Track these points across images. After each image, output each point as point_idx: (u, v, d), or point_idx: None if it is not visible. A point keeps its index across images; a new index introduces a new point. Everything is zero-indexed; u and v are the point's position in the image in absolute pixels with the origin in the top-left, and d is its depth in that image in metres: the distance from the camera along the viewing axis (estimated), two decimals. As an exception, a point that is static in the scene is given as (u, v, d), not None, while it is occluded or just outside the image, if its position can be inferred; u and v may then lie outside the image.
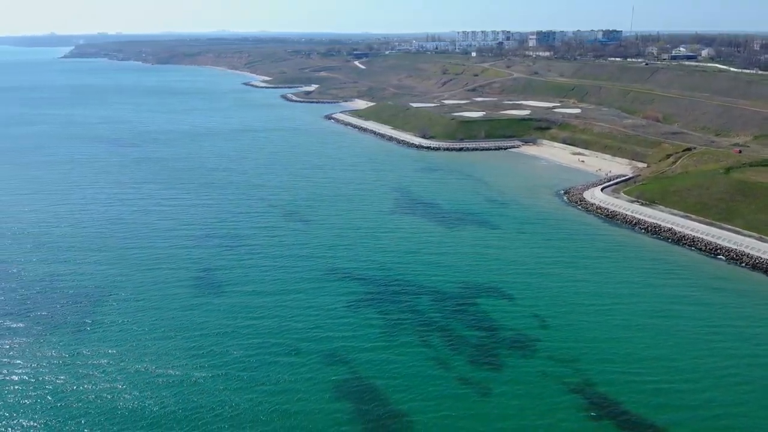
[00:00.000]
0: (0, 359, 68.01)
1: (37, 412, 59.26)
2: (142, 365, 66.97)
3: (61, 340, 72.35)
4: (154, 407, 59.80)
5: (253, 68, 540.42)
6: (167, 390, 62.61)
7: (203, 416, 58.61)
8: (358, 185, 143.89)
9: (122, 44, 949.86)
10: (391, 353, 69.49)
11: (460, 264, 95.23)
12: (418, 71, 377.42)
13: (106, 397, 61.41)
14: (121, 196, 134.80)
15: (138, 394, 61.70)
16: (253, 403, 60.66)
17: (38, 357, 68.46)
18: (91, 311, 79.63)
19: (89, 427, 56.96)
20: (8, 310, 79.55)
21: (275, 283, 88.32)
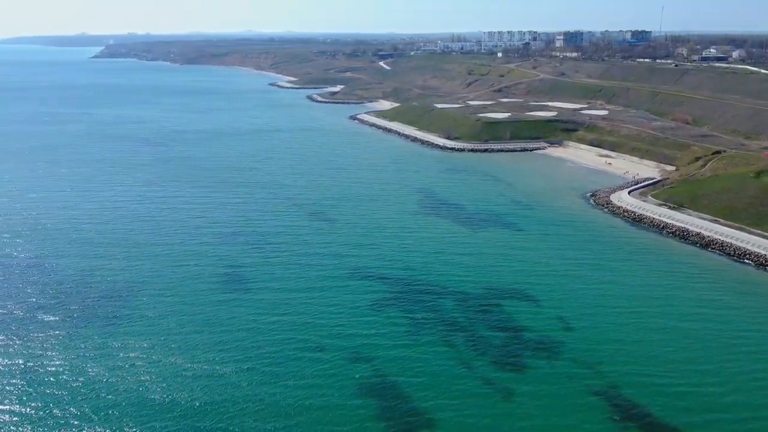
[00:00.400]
0: (35, 351, 69.98)
1: (70, 402, 60.93)
2: (171, 358, 68.47)
3: (93, 333, 74.22)
4: (182, 400, 61.13)
5: (279, 69, 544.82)
6: (194, 383, 63.98)
7: (229, 409, 59.78)
8: (383, 186, 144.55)
9: (151, 44, 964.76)
10: (415, 352, 69.92)
11: (484, 265, 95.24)
12: (443, 72, 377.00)
13: (135, 388, 62.94)
14: (150, 194, 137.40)
15: (166, 387, 63.12)
16: (277, 397, 61.69)
17: (71, 349, 70.32)
18: (121, 305, 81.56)
19: (119, 417, 58.48)
20: (43, 304, 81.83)
21: (300, 281, 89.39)
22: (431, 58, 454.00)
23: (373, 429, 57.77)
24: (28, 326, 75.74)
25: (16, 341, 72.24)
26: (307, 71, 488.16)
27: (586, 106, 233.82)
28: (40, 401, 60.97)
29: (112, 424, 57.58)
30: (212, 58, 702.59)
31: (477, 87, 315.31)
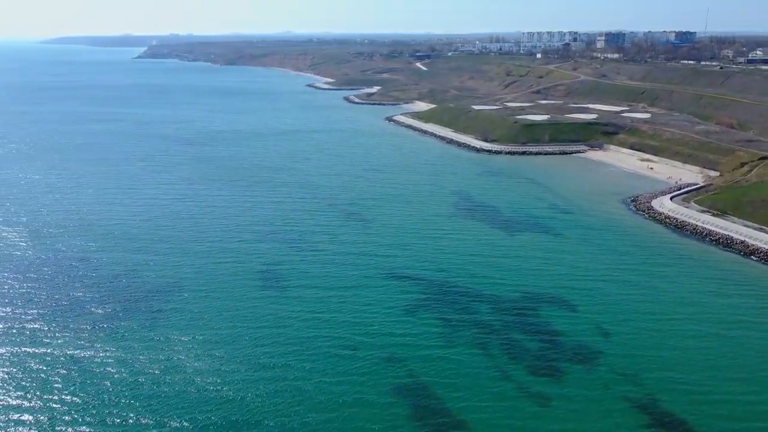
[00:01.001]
0: (82, 343, 72.35)
1: (114, 392, 62.87)
2: (211, 353, 70.05)
3: (137, 326, 76.45)
4: (220, 393, 62.45)
5: (317, 70, 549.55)
6: (232, 377, 65.38)
7: (264, 403, 60.98)
8: (418, 188, 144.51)
9: (192, 45, 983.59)
10: (448, 355, 69.87)
11: (520, 270, 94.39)
12: (480, 73, 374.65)
13: (176, 381, 64.57)
14: (191, 192, 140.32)
15: (206, 380, 64.59)
16: (311, 393, 62.68)
17: (116, 341, 72.47)
18: (164, 300, 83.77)
19: (161, 408, 60.13)
20: (90, 297, 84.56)
21: (336, 280, 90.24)
22: (469, 59, 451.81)
23: (405, 428, 58.10)
24: (76, 318, 78.35)
25: (65, 333, 74.79)
26: (344, 72, 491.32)
27: (628, 108, 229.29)
28: (86, 391, 62.96)
29: (154, 414, 59.22)
30: (252, 59, 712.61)
31: (515, 88, 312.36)
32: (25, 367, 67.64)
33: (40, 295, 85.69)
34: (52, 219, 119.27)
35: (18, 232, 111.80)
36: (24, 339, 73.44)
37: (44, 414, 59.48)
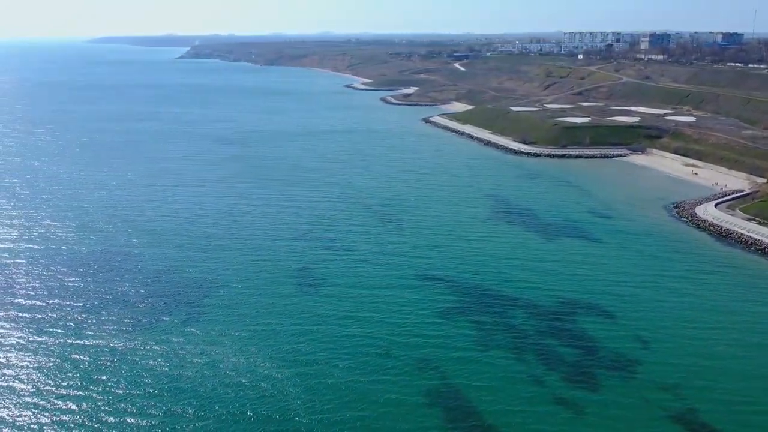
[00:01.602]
0: (124, 337, 74.35)
1: (154, 385, 64.52)
2: (247, 348, 71.32)
3: (177, 321, 78.36)
4: (255, 388, 63.53)
5: (355, 70, 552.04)
6: (268, 372, 66.59)
7: (296, 400, 61.77)
8: (454, 190, 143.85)
9: (233, 45, 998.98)
10: (482, 360, 69.37)
11: (557, 276, 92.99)
12: (519, 73, 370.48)
13: (213, 375, 65.87)
14: (230, 191, 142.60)
15: (241, 375, 65.78)
16: (343, 392, 63.31)
17: (157, 336, 74.29)
18: (203, 296, 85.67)
19: (198, 401, 61.48)
20: (131, 292, 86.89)
21: (369, 281, 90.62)
22: (508, 60, 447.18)
23: (437, 430, 58.12)
24: (120, 312, 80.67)
25: (110, 326, 77.04)
26: (382, 73, 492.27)
27: (672, 112, 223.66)
28: (127, 382, 64.72)
29: (192, 407, 60.61)
30: (291, 60, 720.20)
31: (555, 90, 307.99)
32: (70, 357, 69.97)
33: (87, 288, 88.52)
34: (97, 215, 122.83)
35: (66, 227, 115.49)
36: (70, 331, 75.98)
37: (88, 402, 61.43)
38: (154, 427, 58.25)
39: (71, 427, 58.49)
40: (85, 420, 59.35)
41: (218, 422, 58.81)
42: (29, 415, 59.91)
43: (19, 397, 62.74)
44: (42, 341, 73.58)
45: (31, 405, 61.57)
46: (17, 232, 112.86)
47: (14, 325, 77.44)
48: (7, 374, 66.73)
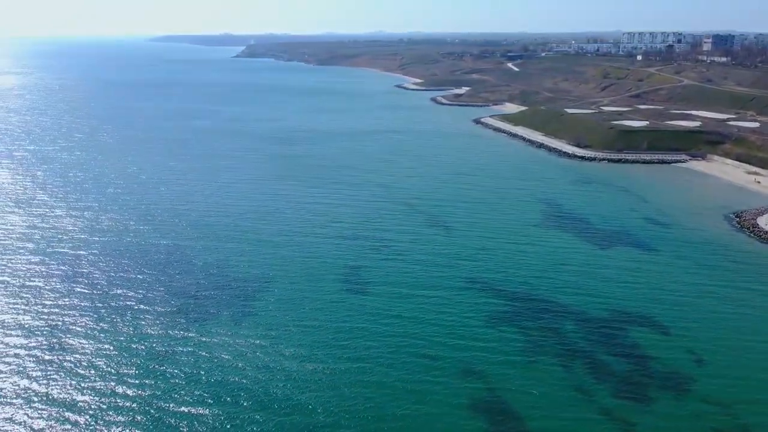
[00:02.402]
0: (176, 330, 76.52)
1: (207, 377, 66.31)
2: (293, 350, 72.14)
3: (227, 316, 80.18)
4: (300, 387, 64.20)
5: (406, 70, 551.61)
6: (312, 371, 67.45)
7: (339, 403, 62.14)
8: (504, 193, 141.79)
9: (287, 45, 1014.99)
10: (528, 371, 68.01)
11: (609, 286, 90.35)
12: (575, 74, 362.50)
13: (259, 375, 66.84)
14: (280, 189, 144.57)
15: (287, 374, 66.71)
16: (385, 397, 63.14)
17: (207, 330, 76.17)
18: (252, 292, 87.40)
19: (249, 393, 62.92)
20: (185, 286, 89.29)
21: (415, 285, 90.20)
22: (563, 60, 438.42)
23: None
24: (174, 305, 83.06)
25: (164, 318, 79.39)
26: (433, 73, 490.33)
27: (735, 117, 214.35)
28: (178, 375, 66.47)
29: (242, 398, 61.94)
30: (343, 60, 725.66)
31: (612, 92, 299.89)
32: (130, 346, 72.57)
33: (146, 280, 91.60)
34: (157, 209, 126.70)
35: (128, 220, 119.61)
36: (129, 320, 78.82)
37: (146, 389, 63.54)
38: (207, 417, 59.78)
39: (130, 413, 60.56)
40: (143, 406, 61.45)
41: (265, 413, 59.93)
42: (90, 400, 62.33)
43: (82, 382, 65.40)
44: (103, 329, 76.58)
45: (92, 390, 64.10)
46: (83, 224, 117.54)
47: (78, 313, 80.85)
48: (71, 359, 69.64)
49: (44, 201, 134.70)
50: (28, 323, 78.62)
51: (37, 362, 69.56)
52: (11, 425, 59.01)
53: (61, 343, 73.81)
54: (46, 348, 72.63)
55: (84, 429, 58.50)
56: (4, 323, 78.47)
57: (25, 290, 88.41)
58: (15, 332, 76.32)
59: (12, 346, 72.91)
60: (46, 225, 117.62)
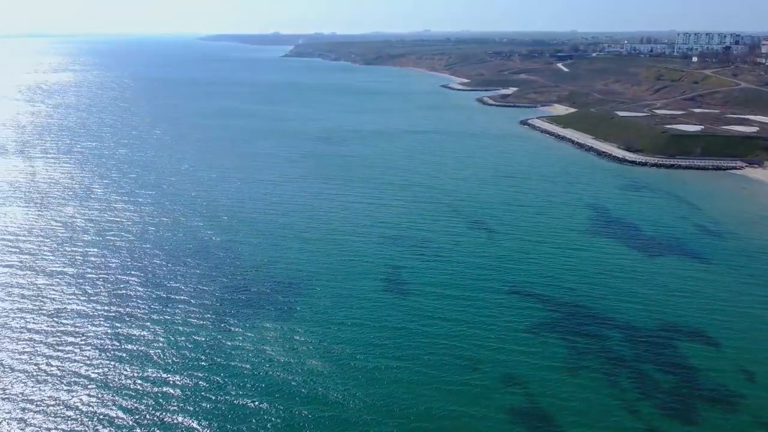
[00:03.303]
0: (222, 327, 78.46)
1: (249, 373, 67.97)
2: (336, 347, 73.23)
3: (271, 315, 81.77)
4: (338, 387, 64.99)
5: (452, 70, 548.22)
6: (353, 365, 68.91)
7: (377, 404, 62.80)
8: (550, 198, 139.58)
9: (334, 45, 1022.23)
10: (571, 383, 66.87)
11: (657, 296, 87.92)
12: (627, 76, 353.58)
13: (302, 371, 68.11)
14: (324, 190, 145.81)
15: (327, 374, 67.72)
16: (424, 400, 63.45)
17: (251, 328, 77.81)
18: (296, 291, 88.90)
19: (287, 394, 63.95)
20: (231, 285, 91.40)
21: (457, 289, 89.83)
22: (615, 61, 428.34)
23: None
24: (220, 302, 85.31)
25: (210, 315, 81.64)
26: (479, 72, 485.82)
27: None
28: (222, 371, 68.25)
29: (277, 398, 63.07)
30: (389, 59, 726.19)
31: (666, 94, 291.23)
32: (175, 339, 74.97)
33: (192, 275, 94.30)
34: (203, 206, 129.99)
35: (176, 217, 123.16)
36: (176, 314, 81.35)
37: (191, 381, 65.52)
38: (251, 410, 61.49)
39: (173, 403, 62.64)
40: (194, 397, 63.57)
41: (306, 408, 61.06)
42: (146, 388, 64.88)
43: (127, 373, 67.82)
44: (151, 322, 79.17)
45: (139, 379, 66.62)
46: (139, 219, 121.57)
47: (134, 304, 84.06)
48: (127, 348, 72.47)
49: (102, 196, 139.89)
50: (86, 312, 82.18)
51: (96, 349, 72.59)
52: (70, 409, 61.81)
53: (117, 332, 76.81)
54: (104, 336, 75.79)
55: (141, 416, 60.81)
56: (64, 312, 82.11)
57: (84, 281, 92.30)
58: (74, 320, 79.90)
59: (71, 334, 76.32)
60: (105, 219, 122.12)
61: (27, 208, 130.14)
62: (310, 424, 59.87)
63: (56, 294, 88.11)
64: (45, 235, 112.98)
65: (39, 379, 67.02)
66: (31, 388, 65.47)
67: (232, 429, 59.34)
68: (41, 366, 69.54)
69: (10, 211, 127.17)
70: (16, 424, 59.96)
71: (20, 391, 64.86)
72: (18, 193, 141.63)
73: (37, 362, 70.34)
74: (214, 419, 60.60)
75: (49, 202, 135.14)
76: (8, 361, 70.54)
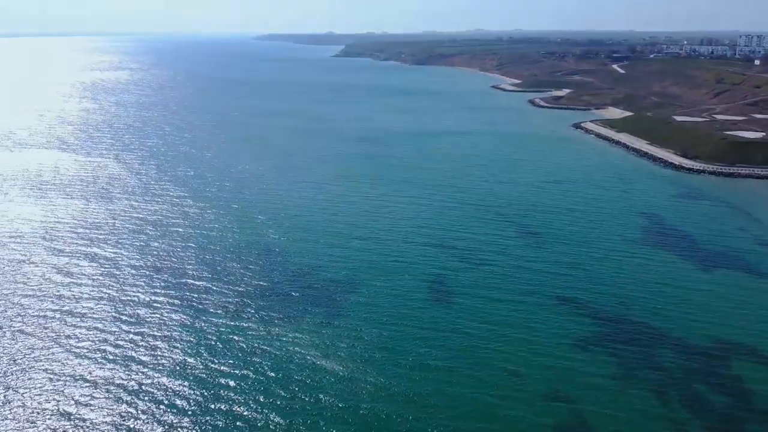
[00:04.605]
0: (274, 324, 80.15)
1: (298, 374, 69.41)
2: (377, 354, 73.62)
3: (321, 314, 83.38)
4: (380, 393, 65.38)
5: (504, 70, 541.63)
6: (395, 376, 68.77)
7: (424, 403, 63.71)
8: (601, 204, 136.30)
9: (385, 44, 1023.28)
10: (619, 399, 65.34)
11: (713, 311, 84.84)
12: (686, 78, 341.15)
13: (343, 376, 68.82)
14: (367, 191, 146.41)
15: (372, 376, 68.58)
16: (469, 406, 63.52)
17: (301, 327, 79.42)
18: (344, 293, 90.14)
19: (328, 399, 64.77)
20: (283, 283, 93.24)
21: (502, 297, 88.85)
22: (673, 62, 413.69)
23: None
24: (272, 301, 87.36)
25: (263, 313, 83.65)
26: (532, 73, 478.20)
27: None
28: (275, 368, 69.96)
29: (331, 397, 64.31)
30: (440, 59, 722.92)
31: (726, 98, 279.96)
32: (225, 339, 77.04)
33: (244, 275, 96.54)
34: (253, 207, 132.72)
35: (228, 217, 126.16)
36: (226, 314, 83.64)
37: (244, 381, 67.29)
38: (296, 414, 62.62)
39: (228, 402, 64.67)
40: (240, 398, 65.30)
41: (347, 413, 61.88)
42: (192, 387, 66.91)
43: (183, 370, 70.17)
44: (205, 321, 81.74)
45: (193, 377, 68.81)
46: (190, 219, 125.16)
47: (181, 305, 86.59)
48: (176, 347, 74.97)
49: (157, 193, 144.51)
50: (136, 312, 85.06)
51: (145, 348, 75.25)
52: (130, 394, 64.50)
53: (166, 332, 79.26)
54: (151, 336, 78.34)
55: (187, 414, 62.76)
56: (116, 310, 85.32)
57: (137, 278, 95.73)
58: (124, 318, 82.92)
59: (121, 332, 79.24)
60: (158, 217, 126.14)
61: (91, 201, 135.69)
62: (351, 422, 60.76)
63: (120, 284, 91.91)
64: (109, 227, 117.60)
65: (103, 365, 70.23)
66: (94, 372, 68.86)
67: (281, 422, 60.99)
68: (107, 354, 72.71)
69: (74, 203, 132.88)
70: (83, 405, 62.96)
71: (84, 373, 67.97)
72: (83, 187, 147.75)
73: (104, 348, 73.72)
74: (267, 412, 62.44)
75: (113, 196, 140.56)
76: (75, 344, 73.90)
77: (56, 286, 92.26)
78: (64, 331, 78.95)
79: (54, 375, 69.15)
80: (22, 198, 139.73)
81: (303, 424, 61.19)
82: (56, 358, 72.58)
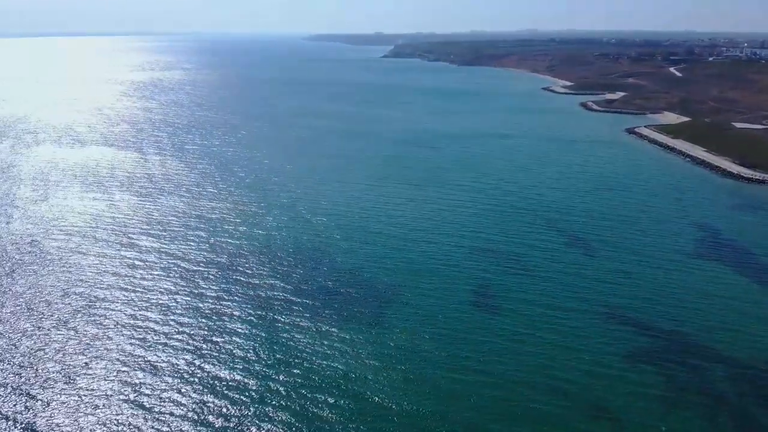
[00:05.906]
0: (318, 325, 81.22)
1: (341, 376, 70.46)
2: (421, 360, 73.57)
3: (365, 319, 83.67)
4: (422, 400, 65.28)
5: (555, 72, 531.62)
6: (436, 385, 68.50)
7: (463, 408, 63.70)
8: (654, 214, 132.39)
9: (433, 45, 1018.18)
10: (667, 417, 63.56)
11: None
12: (746, 82, 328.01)
13: (388, 379, 69.03)
14: (413, 194, 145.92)
15: (416, 377, 68.91)
16: (512, 410, 63.67)
17: (344, 330, 79.95)
18: (387, 298, 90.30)
19: (379, 397, 65.21)
20: (326, 285, 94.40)
21: (548, 306, 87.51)
22: (734, 66, 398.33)
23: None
24: (318, 302, 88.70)
25: (307, 312, 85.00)
26: (583, 75, 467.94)
27: None
28: (315, 371, 70.76)
29: (372, 400, 64.43)
30: (489, 60, 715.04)
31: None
32: (274, 338, 78.70)
33: (293, 275, 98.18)
34: (300, 207, 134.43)
35: (277, 216, 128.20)
36: (276, 314, 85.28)
37: (288, 378, 68.44)
38: (339, 413, 63.52)
39: (272, 398, 66.21)
40: (283, 396, 66.55)
41: (387, 418, 62.35)
42: (246, 383, 68.69)
43: (233, 364, 72.32)
44: (257, 317, 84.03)
45: (248, 373, 71.04)
46: (244, 218, 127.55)
47: (235, 302, 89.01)
48: (229, 343, 77.08)
49: (212, 193, 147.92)
50: (192, 305, 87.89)
51: (203, 341, 77.56)
52: (172, 395, 66.59)
53: (220, 327, 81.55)
54: (207, 331, 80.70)
55: (240, 410, 64.42)
56: (171, 305, 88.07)
57: (192, 275, 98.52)
58: (179, 312, 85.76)
59: (176, 324, 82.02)
60: (213, 216, 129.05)
61: (143, 198, 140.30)
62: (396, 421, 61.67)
63: (162, 285, 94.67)
64: (156, 225, 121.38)
65: (144, 369, 72.53)
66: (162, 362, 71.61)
67: (331, 416, 62.35)
68: (148, 358, 75.09)
69: (125, 199, 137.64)
70: (128, 407, 65.21)
71: (128, 380, 70.42)
72: (135, 185, 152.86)
73: (142, 354, 76.06)
74: (304, 419, 63.10)
75: (162, 194, 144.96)
76: (119, 347, 76.72)
77: (120, 278, 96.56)
78: (130, 322, 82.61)
79: (124, 364, 72.57)
80: (84, 193, 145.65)
81: (347, 419, 62.38)
82: (124, 349, 75.85)
